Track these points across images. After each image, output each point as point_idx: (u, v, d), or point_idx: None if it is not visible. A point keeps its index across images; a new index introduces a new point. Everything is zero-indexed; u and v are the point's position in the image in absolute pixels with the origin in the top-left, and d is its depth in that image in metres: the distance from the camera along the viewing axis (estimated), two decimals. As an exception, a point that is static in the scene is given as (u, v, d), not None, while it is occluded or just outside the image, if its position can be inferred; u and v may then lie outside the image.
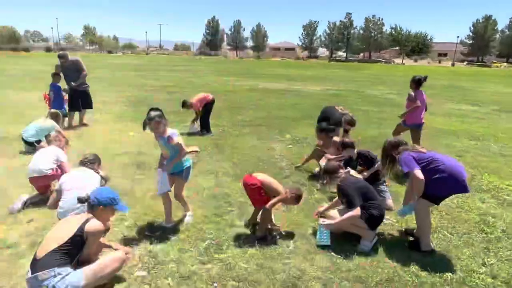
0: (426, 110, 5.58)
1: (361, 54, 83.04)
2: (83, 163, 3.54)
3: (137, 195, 4.14)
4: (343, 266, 2.89)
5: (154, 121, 3.09)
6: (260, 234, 3.25)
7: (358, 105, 11.99)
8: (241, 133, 7.53)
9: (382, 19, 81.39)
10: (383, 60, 70.63)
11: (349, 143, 4.31)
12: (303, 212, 3.79)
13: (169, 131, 3.21)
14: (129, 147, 6.04)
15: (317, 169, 5.07)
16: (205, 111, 7.21)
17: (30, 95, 11.11)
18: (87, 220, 2.28)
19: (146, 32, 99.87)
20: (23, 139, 5.54)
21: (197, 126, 7.36)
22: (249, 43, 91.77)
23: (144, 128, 3.16)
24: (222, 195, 4.22)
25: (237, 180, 4.52)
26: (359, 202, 3.13)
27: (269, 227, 3.35)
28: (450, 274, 2.79)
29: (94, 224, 2.28)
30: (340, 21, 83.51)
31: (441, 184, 2.88)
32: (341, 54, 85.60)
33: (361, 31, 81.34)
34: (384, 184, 4.14)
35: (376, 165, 4.06)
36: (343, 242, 3.23)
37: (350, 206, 3.17)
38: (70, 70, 7.35)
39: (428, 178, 2.88)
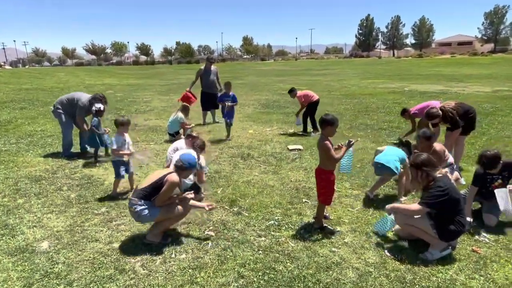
0: None
1: None
2: (193, 147, 4.74)
3: (234, 178, 5.19)
4: (391, 265, 2.95)
5: None
6: (317, 225, 3.63)
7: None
8: (354, 135, 7.66)
9: None
10: None
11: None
12: (374, 211, 3.88)
13: None
14: (243, 141, 7.28)
15: None
16: (310, 110, 7.82)
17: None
18: (169, 173, 3.35)
19: (296, 38, 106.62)
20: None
21: (300, 119, 8.02)
22: (410, 41, 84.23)
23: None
24: (304, 189, 4.73)
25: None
26: (434, 208, 3.06)
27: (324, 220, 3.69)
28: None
29: (172, 177, 3.32)
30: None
31: None
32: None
33: None
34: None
35: None
36: (411, 247, 3.23)
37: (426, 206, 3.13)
38: (208, 75, 9.35)
39: None
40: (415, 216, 3.19)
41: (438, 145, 4.28)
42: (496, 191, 3.54)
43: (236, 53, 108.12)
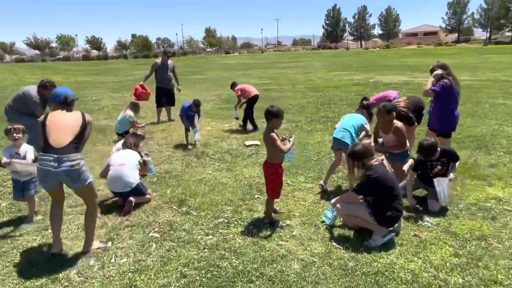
0: None
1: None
2: (127, 146, 4.73)
3: (185, 178, 5.23)
4: (336, 254, 3.16)
5: None
6: (267, 220, 3.78)
7: (494, 98, 10.58)
8: (314, 129, 7.94)
9: None
10: None
11: None
12: (326, 202, 4.12)
13: None
14: (200, 139, 7.30)
15: None
16: (249, 106, 8.09)
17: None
18: (82, 114, 3.26)
19: (262, 29, 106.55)
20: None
21: (237, 112, 8.31)
22: (377, 31, 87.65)
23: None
24: (258, 184, 4.87)
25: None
26: (366, 194, 3.32)
27: (273, 214, 3.87)
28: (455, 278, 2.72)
29: (87, 116, 3.27)
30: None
31: None
32: (508, 34, 72.21)
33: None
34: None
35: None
36: (357, 236, 3.45)
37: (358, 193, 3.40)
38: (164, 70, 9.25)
39: None
40: (354, 206, 3.46)
41: (399, 123, 4.42)
42: (435, 180, 3.88)
43: (198, 46, 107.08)
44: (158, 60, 9.38)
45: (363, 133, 4.57)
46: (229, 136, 7.62)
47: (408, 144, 4.54)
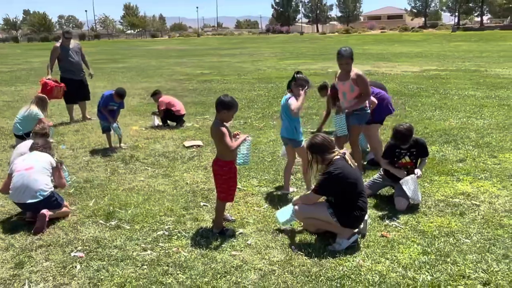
0: None
1: (509, 18, 76.40)
2: (35, 148, 4.68)
3: (112, 187, 5.26)
4: (297, 261, 3.45)
5: None
6: (217, 230, 3.98)
7: (463, 89, 11.80)
8: (266, 126, 8.31)
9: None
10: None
11: None
12: (279, 208, 4.42)
13: None
14: (124, 140, 7.29)
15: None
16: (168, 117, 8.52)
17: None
18: None
19: (197, 7, 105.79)
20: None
21: (155, 118, 8.66)
22: (336, 13, 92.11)
23: None
24: (203, 191, 5.06)
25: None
26: (328, 194, 3.67)
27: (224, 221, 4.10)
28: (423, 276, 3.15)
29: None
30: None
31: None
32: (477, 19, 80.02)
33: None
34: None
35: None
36: (320, 240, 3.79)
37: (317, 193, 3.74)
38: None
39: None
40: (313, 208, 3.79)
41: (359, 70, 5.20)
42: (401, 182, 4.37)
43: (116, 27, 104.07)
44: (58, 44, 9.01)
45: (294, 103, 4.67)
46: (163, 136, 7.71)
47: (371, 97, 5.32)
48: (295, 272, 3.31)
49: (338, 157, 3.73)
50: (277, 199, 4.80)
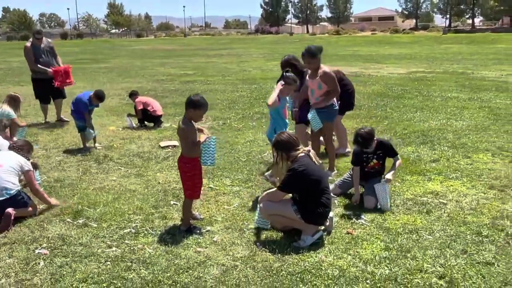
0: None
1: (501, 21, 77.88)
2: (12, 148, 4.79)
3: (82, 186, 5.36)
4: (261, 257, 3.60)
5: None
6: (184, 227, 4.11)
7: (447, 91, 12.10)
8: (245, 127, 8.46)
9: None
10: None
11: None
12: (249, 206, 4.61)
13: None
14: (100, 141, 7.39)
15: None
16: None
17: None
18: None
19: (184, 7, 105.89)
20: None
21: (130, 119, 8.68)
22: (326, 14, 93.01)
23: None
24: (175, 190, 5.19)
25: (204, 175, 5.43)
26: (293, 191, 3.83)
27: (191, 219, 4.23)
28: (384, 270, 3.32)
29: None
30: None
31: None
32: (469, 22, 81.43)
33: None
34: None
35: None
36: (286, 237, 3.94)
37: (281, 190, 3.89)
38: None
39: None
40: (278, 205, 3.93)
41: (327, 67, 5.39)
42: (375, 186, 4.53)
43: (100, 26, 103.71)
44: (29, 44, 8.98)
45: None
46: (139, 136, 7.81)
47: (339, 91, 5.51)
48: (257, 267, 3.45)
49: (302, 154, 3.90)
50: (248, 197, 4.95)
